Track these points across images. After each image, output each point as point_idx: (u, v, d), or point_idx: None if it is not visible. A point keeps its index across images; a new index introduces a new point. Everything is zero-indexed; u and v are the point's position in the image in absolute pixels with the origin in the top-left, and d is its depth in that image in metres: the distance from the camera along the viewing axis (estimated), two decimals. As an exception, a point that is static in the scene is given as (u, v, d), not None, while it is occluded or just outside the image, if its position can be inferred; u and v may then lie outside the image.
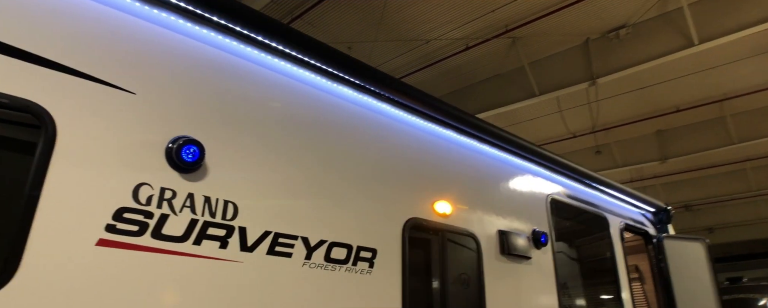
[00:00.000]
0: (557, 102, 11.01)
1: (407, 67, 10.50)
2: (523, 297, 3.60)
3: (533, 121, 11.97)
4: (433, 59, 10.18)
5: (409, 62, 10.34)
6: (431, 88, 11.33)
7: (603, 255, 5.06)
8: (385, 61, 10.21)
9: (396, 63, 10.33)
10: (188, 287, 1.98)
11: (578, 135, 12.57)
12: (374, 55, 9.92)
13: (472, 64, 10.39)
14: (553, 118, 11.75)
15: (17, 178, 1.73)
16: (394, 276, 2.73)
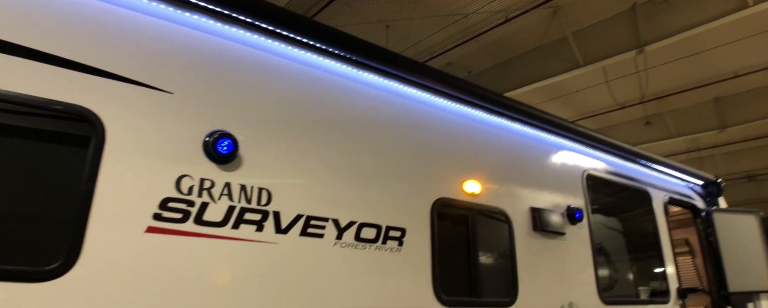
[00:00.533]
0: (603, 72, 10.65)
1: (446, 43, 10.42)
2: (558, 273, 3.65)
3: (579, 93, 11.65)
4: (472, 33, 10.04)
5: (449, 38, 10.25)
6: (472, 63, 11.22)
7: (645, 229, 4.99)
8: (424, 37, 10.17)
9: (435, 39, 10.27)
10: (229, 267, 2.19)
11: (627, 106, 12.14)
12: (412, 33, 9.90)
13: (513, 37, 10.18)
14: (600, 89, 11.38)
15: (75, 176, 1.96)
16: (423, 253, 2.86)
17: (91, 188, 1.95)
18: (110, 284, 1.90)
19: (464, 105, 3.48)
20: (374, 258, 2.64)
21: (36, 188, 2.07)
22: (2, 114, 1.94)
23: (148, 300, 1.96)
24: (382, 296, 2.61)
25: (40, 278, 1.79)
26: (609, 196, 4.77)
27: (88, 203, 1.93)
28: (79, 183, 1.94)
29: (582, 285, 3.81)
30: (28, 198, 2.05)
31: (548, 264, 3.62)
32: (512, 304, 3.22)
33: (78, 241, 1.88)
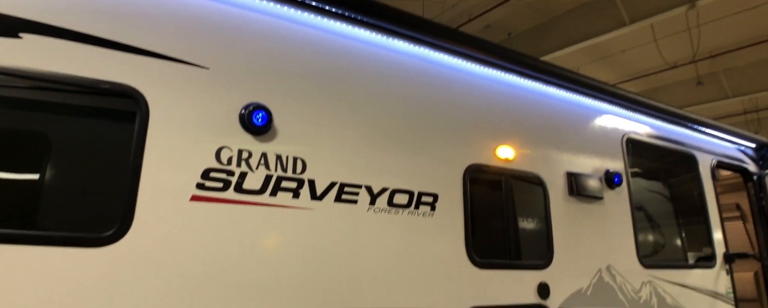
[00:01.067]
0: (651, 30, 10.13)
1: (485, 4, 10.13)
2: (595, 238, 3.64)
3: (625, 53, 11.17)
4: (511, -7, 9.72)
5: (487, -2, 9.97)
6: (511, 25, 10.89)
7: (690, 194, 4.86)
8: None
9: (473, 0, 10.01)
10: (267, 231, 2.32)
11: (677, 65, 11.56)
12: (450, -6, 9.69)
13: (554, -5, 9.80)
14: (648, 48, 10.86)
15: (124, 150, 2.11)
16: (456, 218, 2.92)
17: (139, 162, 2.10)
18: (160, 248, 2.07)
19: (497, 70, 3.45)
20: (407, 222, 2.72)
21: (92, 162, 2.25)
22: (57, 94, 2.10)
23: (194, 263, 2.12)
24: (415, 259, 2.70)
25: (97, 243, 1.96)
26: (651, 160, 4.66)
27: (137, 175, 2.08)
28: (129, 157, 2.09)
29: (620, 249, 3.79)
30: (85, 171, 2.23)
31: (585, 228, 3.61)
32: (547, 267, 3.25)
33: (130, 210, 2.04)
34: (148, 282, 2.02)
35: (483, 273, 2.93)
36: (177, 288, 2.07)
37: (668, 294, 4.04)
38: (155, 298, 2.02)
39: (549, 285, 3.20)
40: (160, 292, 2.03)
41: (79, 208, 2.16)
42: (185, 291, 2.08)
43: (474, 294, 2.85)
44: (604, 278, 3.59)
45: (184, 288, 2.08)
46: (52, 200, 2.09)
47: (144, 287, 2.01)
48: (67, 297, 1.87)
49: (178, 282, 2.07)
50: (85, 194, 2.16)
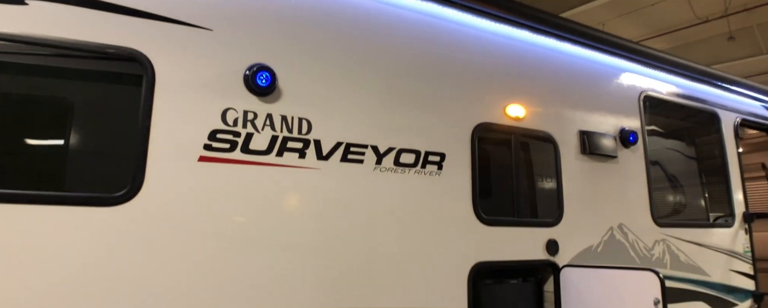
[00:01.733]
0: (681, -18, 9.68)
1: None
2: (607, 197, 3.63)
3: (654, 7, 10.68)
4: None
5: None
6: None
7: (711, 153, 4.76)
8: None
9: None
10: (274, 191, 2.38)
11: (709, 20, 11.05)
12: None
13: (576, -54, 9.39)
14: (677, 2, 10.40)
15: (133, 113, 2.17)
16: (463, 177, 2.94)
17: (147, 124, 2.16)
18: (171, 207, 2.15)
19: (508, 25, 3.38)
20: (413, 182, 2.75)
21: (103, 126, 2.33)
22: (65, 60, 2.16)
23: (203, 221, 2.20)
24: (420, 217, 2.74)
25: (111, 203, 2.05)
26: (670, 118, 4.56)
27: (146, 137, 2.15)
28: (138, 119, 2.15)
29: (634, 208, 3.77)
30: (97, 135, 2.32)
31: (597, 186, 3.59)
32: (556, 225, 3.27)
33: (141, 171, 2.12)
34: (160, 240, 2.11)
35: (490, 230, 2.96)
36: (188, 246, 2.16)
37: (682, 252, 4.03)
38: (167, 255, 2.11)
39: (558, 242, 3.23)
40: (172, 250, 2.13)
41: (92, 170, 2.25)
42: (195, 249, 2.17)
43: (480, 250, 2.90)
44: (616, 236, 3.60)
45: (194, 246, 2.17)
46: (66, 162, 2.18)
47: (156, 245, 2.10)
48: (84, 255, 1.98)
49: (188, 240, 2.16)
50: (97, 156, 2.25)
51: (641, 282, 2.74)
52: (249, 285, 2.25)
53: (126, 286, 2.02)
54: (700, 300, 4.07)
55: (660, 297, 2.64)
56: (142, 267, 2.06)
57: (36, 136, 2.23)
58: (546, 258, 3.18)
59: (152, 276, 2.07)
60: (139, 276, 2.05)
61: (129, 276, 2.03)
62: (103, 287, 1.99)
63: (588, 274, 3.03)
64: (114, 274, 2.01)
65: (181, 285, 2.12)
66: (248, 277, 2.25)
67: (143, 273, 2.06)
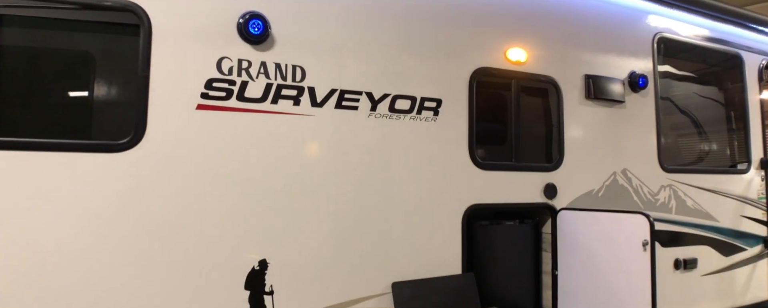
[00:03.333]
0: None
1: None
2: (611, 142, 3.61)
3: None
4: None
5: None
6: None
7: (730, 96, 4.62)
8: None
9: None
10: (270, 137, 2.48)
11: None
12: None
13: None
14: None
15: (132, 63, 2.27)
16: (460, 123, 2.98)
17: (146, 73, 2.26)
18: (172, 154, 2.28)
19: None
20: (409, 128, 2.82)
21: (105, 75, 2.44)
22: (65, 12, 2.25)
23: (203, 167, 2.33)
24: (415, 162, 2.82)
25: (115, 149, 2.19)
26: (687, 61, 4.40)
27: (146, 86, 2.25)
28: (137, 69, 2.26)
29: (640, 153, 3.75)
30: (100, 84, 2.44)
31: (601, 131, 3.58)
32: (556, 169, 3.31)
33: (142, 119, 2.24)
34: (162, 184, 2.26)
35: (486, 175, 3.03)
36: (188, 190, 2.30)
37: (690, 197, 4.02)
38: (169, 198, 2.27)
39: (556, 186, 3.28)
40: (174, 194, 2.28)
41: (98, 118, 2.39)
42: (196, 193, 2.32)
43: (475, 194, 2.98)
44: (619, 180, 3.61)
45: (194, 190, 2.31)
46: (72, 111, 2.32)
47: (159, 189, 2.25)
48: (92, 199, 2.14)
49: (189, 184, 2.30)
50: (102, 105, 2.38)
51: (632, 224, 2.79)
52: (245, 226, 2.41)
53: (130, 228, 2.19)
54: (707, 245, 4.10)
55: (648, 239, 2.69)
56: (145, 210, 2.22)
57: (41, 86, 2.37)
58: (543, 202, 3.24)
59: (155, 219, 2.23)
60: (142, 220, 2.21)
61: (133, 219, 2.20)
62: (109, 229, 2.16)
63: (583, 217, 3.09)
64: (119, 217, 2.18)
65: (182, 228, 2.28)
66: (244, 219, 2.40)
67: (146, 216, 2.22)
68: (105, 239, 2.15)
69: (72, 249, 2.10)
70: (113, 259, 2.16)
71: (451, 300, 2.80)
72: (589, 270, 3.04)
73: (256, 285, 2.43)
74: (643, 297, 2.73)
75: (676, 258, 3.89)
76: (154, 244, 2.23)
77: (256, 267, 2.43)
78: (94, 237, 2.13)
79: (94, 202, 2.14)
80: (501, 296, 3.10)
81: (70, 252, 2.09)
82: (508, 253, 3.21)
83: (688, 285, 3.95)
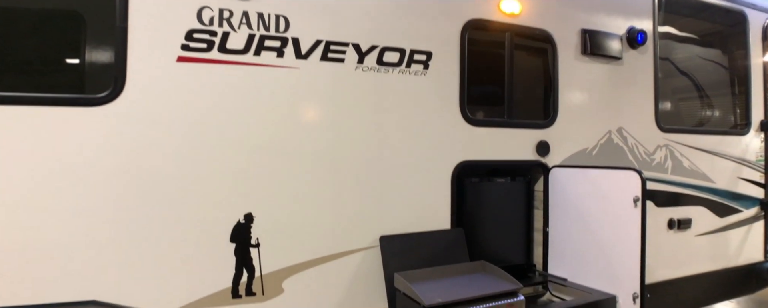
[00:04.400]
0: None
1: None
2: (607, 100, 3.54)
3: None
4: None
5: None
6: None
7: (732, 55, 4.51)
8: None
9: None
10: (253, 90, 2.42)
11: None
12: None
13: None
14: None
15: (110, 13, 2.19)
16: (450, 77, 2.91)
17: (125, 25, 2.18)
18: (152, 107, 2.22)
19: None
20: (398, 82, 2.75)
21: (84, 28, 2.37)
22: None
23: (184, 120, 2.28)
24: (404, 117, 2.76)
25: (96, 103, 2.14)
26: (689, 17, 4.28)
27: (124, 38, 2.18)
28: (115, 20, 2.18)
29: (636, 112, 3.69)
30: (79, 37, 2.37)
31: (597, 88, 3.50)
32: (549, 126, 3.25)
33: (122, 72, 2.18)
34: (143, 138, 2.21)
35: (477, 131, 2.98)
36: (170, 144, 2.26)
37: (686, 158, 3.98)
38: (150, 153, 2.23)
39: (549, 144, 3.23)
40: (155, 147, 2.23)
41: (79, 71, 2.34)
42: (177, 147, 2.27)
43: (466, 150, 2.94)
44: (614, 139, 3.56)
45: (176, 144, 2.27)
46: (50, 64, 2.26)
47: (140, 143, 2.21)
48: (72, 153, 2.10)
49: (170, 138, 2.26)
50: (81, 57, 2.32)
51: (624, 180, 2.75)
52: (228, 180, 2.37)
53: (110, 183, 2.16)
54: (701, 206, 4.07)
55: (640, 195, 2.66)
56: (126, 165, 2.18)
57: (21, 41, 2.30)
58: (536, 160, 3.20)
59: (136, 174, 2.20)
60: (123, 174, 2.18)
61: (113, 174, 2.16)
62: (89, 184, 2.13)
63: (575, 174, 3.05)
64: (99, 171, 2.14)
65: (163, 182, 2.25)
66: (227, 173, 2.37)
67: (127, 171, 2.18)
68: (84, 194, 2.12)
69: (51, 205, 2.07)
70: (94, 215, 2.14)
71: (440, 254, 2.79)
72: (580, 226, 3.02)
73: (242, 238, 2.42)
74: (632, 254, 2.72)
75: (670, 218, 3.87)
76: (135, 199, 2.20)
77: (242, 220, 2.42)
78: (74, 193, 2.10)
79: (73, 157, 2.10)
80: (491, 252, 3.09)
81: (49, 208, 2.07)
82: (499, 210, 3.18)
83: (681, 245, 3.94)
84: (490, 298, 2.42)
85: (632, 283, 2.70)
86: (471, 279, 2.64)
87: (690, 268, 4.03)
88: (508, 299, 2.45)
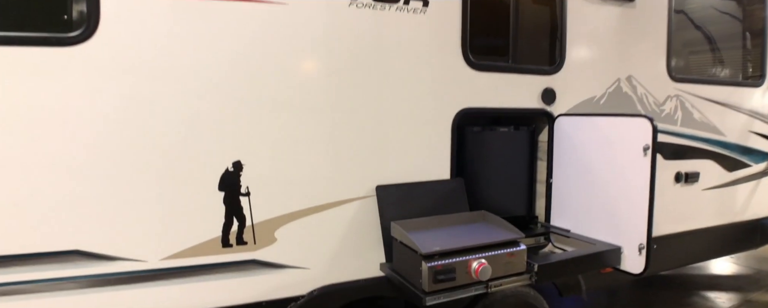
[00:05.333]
0: None
1: None
2: (617, 47, 3.35)
3: None
4: None
5: None
6: None
7: (750, 12, 4.28)
8: None
9: None
10: (238, 28, 2.23)
11: None
12: None
13: None
14: None
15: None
16: (451, 16, 2.71)
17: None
18: (128, 46, 2.05)
19: None
20: (395, 20, 2.56)
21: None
22: None
23: (163, 60, 2.11)
24: (402, 59, 2.59)
25: (67, 43, 1.97)
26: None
27: None
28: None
29: (647, 60, 3.50)
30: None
31: (607, 34, 3.30)
32: (555, 73, 3.08)
33: (95, 10, 1.99)
34: (120, 81, 2.05)
35: (479, 76, 2.81)
36: (148, 87, 2.10)
37: (697, 109, 3.82)
38: (127, 96, 2.07)
39: (555, 91, 3.07)
40: (131, 88, 2.07)
41: (49, 10, 2.16)
42: (156, 90, 2.11)
43: (467, 97, 2.78)
44: (623, 88, 3.39)
45: (154, 87, 2.11)
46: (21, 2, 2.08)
47: (116, 86, 2.04)
48: (51, 97, 1.95)
49: (149, 81, 2.09)
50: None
51: (634, 128, 2.60)
52: (214, 126, 2.23)
53: (90, 130, 2.02)
54: (710, 159, 3.95)
55: (650, 144, 2.52)
56: (102, 109, 2.03)
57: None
58: (541, 107, 3.04)
59: (110, 115, 2.05)
60: (103, 120, 2.03)
61: (93, 119, 2.02)
62: (68, 130, 1.98)
63: (582, 122, 2.90)
64: (79, 117, 1.99)
65: (143, 128, 2.10)
66: (212, 118, 2.22)
67: (101, 112, 2.03)
68: (64, 142, 1.98)
69: (29, 154, 1.93)
70: (75, 164, 2.00)
71: (438, 205, 2.68)
72: (585, 178, 2.89)
73: (231, 187, 2.30)
74: (639, 205, 2.60)
75: (678, 172, 3.75)
76: (118, 146, 2.06)
77: (230, 168, 2.29)
78: (52, 141, 1.96)
79: (50, 102, 1.95)
80: (492, 203, 2.98)
81: (19, 156, 1.93)
82: (501, 161, 3.06)
83: (687, 199, 3.84)
84: (490, 247, 2.32)
85: (638, 234, 2.60)
86: (470, 228, 2.54)
87: (695, 222, 3.94)
88: (510, 248, 2.35)
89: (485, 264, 2.25)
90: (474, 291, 2.29)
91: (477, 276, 2.25)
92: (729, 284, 5.63)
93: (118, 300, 2.15)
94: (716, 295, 5.26)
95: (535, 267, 2.38)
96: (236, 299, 2.36)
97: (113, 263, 2.13)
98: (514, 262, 2.35)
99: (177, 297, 2.24)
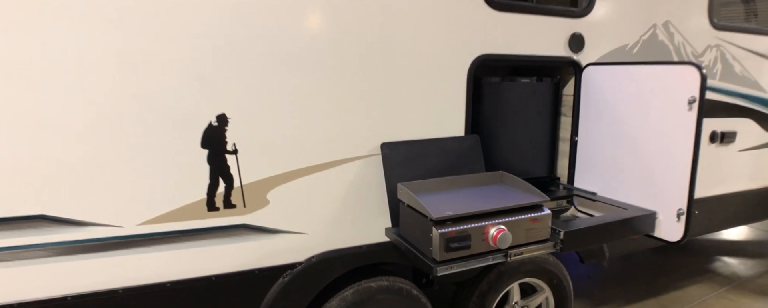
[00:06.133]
0: None
1: None
2: None
3: None
4: None
5: None
6: None
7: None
8: None
9: None
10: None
11: None
12: None
13: None
14: None
15: None
16: (469, -50, 2.34)
17: None
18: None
19: None
20: (403, -50, 2.20)
21: None
22: None
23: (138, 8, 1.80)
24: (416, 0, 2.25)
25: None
26: None
27: None
28: None
29: (686, 3, 3.11)
30: None
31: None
32: (585, 15, 2.71)
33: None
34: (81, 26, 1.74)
35: (500, 17, 2.45)
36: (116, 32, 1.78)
37: (738, 62, 3.44)
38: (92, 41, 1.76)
39: (584, 37, 2.71)
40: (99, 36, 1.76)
41: None
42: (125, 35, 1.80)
43: (486, 41, 2.43)
44: (659, 35, 3.02)
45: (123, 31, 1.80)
46: None
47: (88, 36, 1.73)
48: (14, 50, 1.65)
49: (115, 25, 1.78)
50: None
51: (678, 77, 2.26)
52: (195, 78, 1.92)
53: (47, 78, 1.72)
54: (749, 117, 3.60)
55: (697, 95, 2.18)
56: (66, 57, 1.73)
57: None
58: (567, 56, 2.69)
59: (76, 65, 1.75)
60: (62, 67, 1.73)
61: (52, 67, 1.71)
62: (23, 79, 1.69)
63: (615, 72, 2.56)
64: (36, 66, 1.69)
65: (110, 75, 1.80)
66: (192, 69, 1.91)
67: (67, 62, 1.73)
68: (20, 95, 1.68)
69: None
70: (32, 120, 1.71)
71: (451, 164, 2.39)
72: (616, 135, 2.57)
73: (215, 144, 2.01)
74: (680, 166, 2.29)
75: (713, 131, 3.42)
76: (81, 98, 1.76)
77: (214, 122, 1.99)
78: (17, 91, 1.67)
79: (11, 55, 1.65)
80: (510, 163, 2.68)
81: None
82: (522, 116, 2.74)
83: (722, 161, 3.52)
84: (510, 212, 2.03)
85: (677, 198, 2.30)
86: (487, 190, 2.25)
87: (728, 186, 3.63)
88: (532, 213, 2.06)
89: (505, 231, 1.97)
90: (492, 260, 2.02)
91: (495, 244, 1.98)
92: (751, 250, 5.38)
93: (91, 269, 1.91)
94: (738, 261, 5.01)
95: (561, 234, 2.10)
96: (225, 267, 2.12)
97: (84, 229, 1.87)
98: (538, 228, 2.07)
99: (157, 266, 2.00)
